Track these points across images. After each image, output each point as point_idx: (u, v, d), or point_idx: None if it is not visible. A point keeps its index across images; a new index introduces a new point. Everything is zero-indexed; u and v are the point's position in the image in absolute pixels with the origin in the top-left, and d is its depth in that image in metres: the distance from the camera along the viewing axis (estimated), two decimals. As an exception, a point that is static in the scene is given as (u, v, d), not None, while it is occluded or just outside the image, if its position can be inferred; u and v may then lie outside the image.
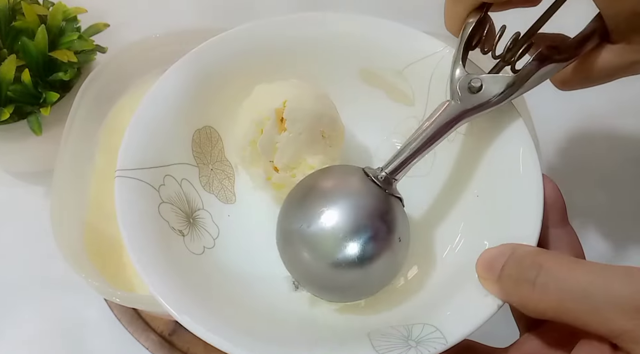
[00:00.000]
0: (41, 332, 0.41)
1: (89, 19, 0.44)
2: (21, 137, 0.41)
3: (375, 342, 0.22)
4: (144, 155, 0.27)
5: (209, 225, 0.30)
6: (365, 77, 0.32)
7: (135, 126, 0.28)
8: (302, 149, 0.29)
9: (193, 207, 0.29)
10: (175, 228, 0.27)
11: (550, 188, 0.25)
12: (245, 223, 0.31)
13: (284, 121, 0.28)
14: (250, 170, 0.30)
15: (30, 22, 0.40)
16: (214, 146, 0.31)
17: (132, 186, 0.26)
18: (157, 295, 0.23)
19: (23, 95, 0.39)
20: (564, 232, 0.25)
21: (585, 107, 0.49)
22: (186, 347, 0.40)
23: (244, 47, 0.31)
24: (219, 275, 0.27)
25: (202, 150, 0.31)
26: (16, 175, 0.47)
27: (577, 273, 0.19)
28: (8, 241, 0.44)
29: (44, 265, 0.43)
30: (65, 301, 0.42)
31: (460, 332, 0.22)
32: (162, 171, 0.28)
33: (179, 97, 0.29)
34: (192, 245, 0.27)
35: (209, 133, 0.31)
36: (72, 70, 0.40)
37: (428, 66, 0.30)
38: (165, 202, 0.27)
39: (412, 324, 0.23)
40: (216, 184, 0.31)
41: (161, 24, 0.49)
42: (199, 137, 0.31)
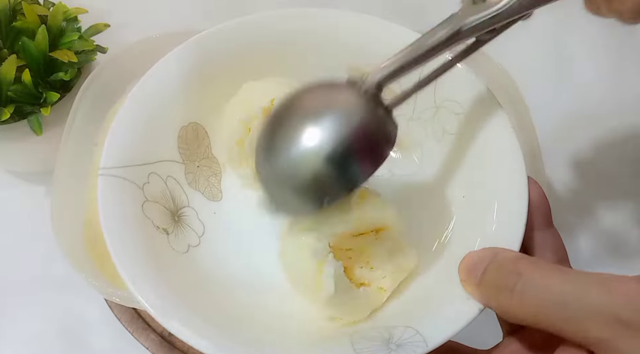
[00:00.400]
0: (41, 332, 0.41)
1: (90, 19, 0.44)
2: (21, 136, 0.40)
3: (357, 345, 0.22)
4: (129, 152, 0.27)
5: (195, 223, 0.29)
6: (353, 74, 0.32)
7: (120, 123, 0.28)
8: None
9: (178, 204, 0.29)
10: (160, 227, 0.27)
11: (535, 191, 0.25)
12: (232, 220, 0.31)
13: None
14: (239, 170, 0.30)
15: (31, 22, 0.40)
16: (200, 143, 0.31)
17: (115, 184, 0.26)
18: (137, 295, 0.23)
19: (23, 95, 0.39)
20: (548, 235, 0.25)
21: (585, 106, 0.49)
22: (186, 347, 0.40)
23: (231, 44, 0.31)
24: (202, 274, 0.27)
25: (189, 147, 0.30)
26: (16, 174, 0.47)
27: (555, 281, 0.20)
28: (8, 241, 0.44)
29: (44, 265, 0.43)
30: (65, 301, 0.42)
31: (441, 336, 0.22)
32: (147, 168, 0.28)
33: (164, 94, 0.29)
34: (176, 244, 0.27)
35: (196, 129, 0.31)
36: (73, 70, 0.40)
37: None
38: (150, 201, 0.27)
39: (394, 326, 0.23)
40: (202, 181, 0.31)
41: (161, 24, 0.49)
42: (185, 134, 0.30)
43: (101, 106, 0.41)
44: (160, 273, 0.25)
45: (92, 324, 0.41)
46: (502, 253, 0.22)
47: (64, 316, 0.42)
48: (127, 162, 0.27)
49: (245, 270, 0.29)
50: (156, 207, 0.27)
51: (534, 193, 0.25)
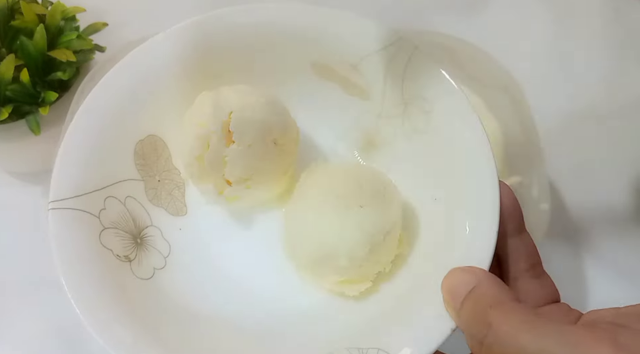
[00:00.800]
0: (40, 332, 0.41)
1: (88, 18, 0.44)
2: (20, 136, 0.40)
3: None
4: (81, 179, 0.25)
5: (159, 243, 0.28)
6: (318, 71, 0.30)
7: (68, 147, 0.26)
8: (254, 160, 0.27)
9: (140, 225, 0.27)
10: (120, 255, 0.25)
11: (507, 197, 0.25)
12: (199, 236, 0.29)
13: (231, 133, 0.27)
14: (200, 186, 0.28)
15: (29, 22, 0.40)
16: (159, 155, 0.29)
17: (68, 217, 0.24)
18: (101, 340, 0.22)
19: (21, 95, 0.39)
20: (520, 241, 0.25)
21: (586, 106, 0.49)
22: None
23: (184, 47, 0.29)
24: (169, 299, 0.26)
25: (147, 162, 0.28)
26: (15, 174, 0.47)
27: (524, 337, 0.19)
28: (8, 241, 0.44)
29: (44, 265, 0.43)
30: (64, 301, 0.42)
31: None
32: (103, 193, 0.26)
33: (115, 110, 0.27)
34: (139, 270, 0.26)
35: (153, 142, 0.29)
36: (71, 70, 0.40)
37: (384, 58, 0.28)
38: (108, 228, 0.26)
39: (367, 348, 0.23)
40: (165, 196, 0.29)
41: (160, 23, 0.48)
42: (141, 149, 0.28)
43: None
44: (126, 311, 0.23)
45: (91, 325, 0.41)
46: (480, 285, 0.22)
47: (64, 316, 0.41)
48: (79, 190, 0.25)
49: (215, 289, 0.28)
50: (115, 233, 0.26)
51: (505, 198, 0.25)
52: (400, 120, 0.29)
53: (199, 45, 0.28)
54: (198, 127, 0.27)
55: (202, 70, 0.29)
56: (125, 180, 0.27)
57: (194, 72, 0.29)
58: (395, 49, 0.28)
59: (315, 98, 0.31)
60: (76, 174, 0.25)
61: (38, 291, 0.42)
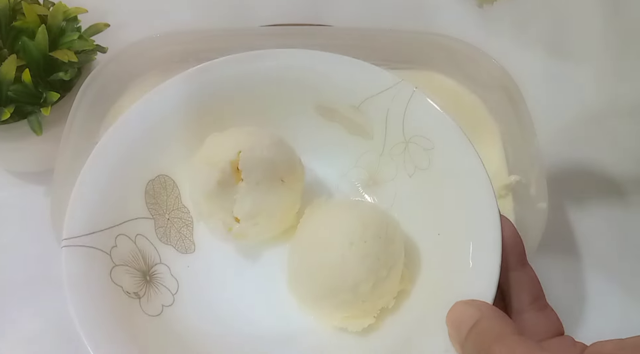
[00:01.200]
0: (41, 331, 0.41)
1: (90, 18, 0.44)
2: (21, 136, 0.40)
3: None
4: (93, 218, 0.26)
5: (168, 280, 0.28)
6: (322, 112, 0.32)
7: (81, 188, 0.26)
8: (262, 198, 0.28)
9: (149, 263, 0.28)
10: (130, 292, 0.26)
11: (508, 230, 0.25)
12: (206, 273, 0.30)
13: (239, 172, 0.28)
14: (209, 224, 0.29)
15: (31, 22, 0.40)
16: (169, 194, 0.30)
17: (81, 255, 0.25)
18: None
19: (23, 95, 0.39)
20: (523, 275, 0.25)
21: (586, 106, 0.49)
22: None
23: (191, 92, 0.30)
24: (177, 337, 0.26)
25: (157, 201, 0.29)
26: (16, 174, 0.47)
27: None
28: (8, 241, 0.44)
29: (44, 265, 0.43)
30: (64, 300, 0.42)
31: None
32: (114, 231, 0.27)
33: (128, 151, 0.28)
34: (148, 307, 0.26)
35: (163, 182, 0.30)
36: (73, 70, 0.40)
37: (384, 100, 0.29)
38: (118, 265, 0.26)
39: None
40: (174, 233, 0.30)
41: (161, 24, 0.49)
42: (152, 188, 0.29)
43: (101, 106, 0.41)
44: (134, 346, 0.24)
45: (92, 324, 0.41)
46: (483, 319, 0.23)
47: (64, 316, 0.41)
48: (92, 228, 0.26)
49: (222, 327, 0.28)
50: (126, 271, 0.26)
51: (507, 232, 0.25)
52: (402, 157, 0.30)
53: (206, 90, 0.30)
54: (208, 166, 0.27)
55: (210, 113, 0.30)
56: (136, 219, 0.28)
57: (202, 115, 0.30)
58: (396, 90, 0.29)
59: (319, 137, 0.32)
60: (89, 212, 0.26)
61: (38, 291, 0.42)
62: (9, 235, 0.45)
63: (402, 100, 0.28)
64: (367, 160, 0.32)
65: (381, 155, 0.31)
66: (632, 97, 0.50)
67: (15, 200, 0.46)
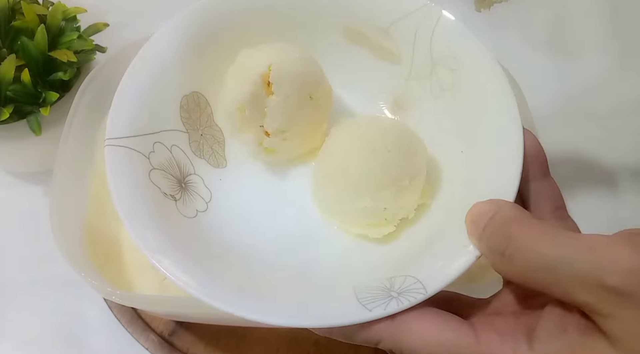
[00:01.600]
0: (41, 332, 0.41)
1: (89, 18, 0.44)
2: (21, 136, 0.40)
3: (360, 294, 0.23)
4: (133, 123, 0.27)
5: (201, 189, 0.30)
6: (349, 36, 0.32)
7: (123, 94, 0.28)
8: (291, 112, 0.29)
9: (184, 172, 0.29)
10: (167, 194, 0.27)
11: (530, 142, 0.25)
12: (238, 186, 0.31)
13: (270, 85, 0.28)
14: (241, 137, 0.30)
15: (30, 22, 0.40)
16: (202, 111, 0.32)
17: (122, 154, 0.26)
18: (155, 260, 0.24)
19: (23, 95, 0.39)
20: (545, 184, 0.25)
21: (586, 106, 0.49)
22: (186, 347, 0.40)
23: (224, 12, 0.31)
24: (211, 237, 0.28)
25: (191, 116, 0.31)
26: (16, 174, 0.47)
27: (543, 245, 0.20)
28: (8, 241, 0.44)
29: (44, 265, 0.43)
30: (65, 301, 0.42)
31: (440, 282, 0.22)
32: (152, 138, 0.28)
33: (165, 64, 0.30)
34: (184, 209, 0.28)
35: (197, 98, 0.31)
36: (72, 70, 0.40)
37: (413, 22, 0.30)
38: (156, 169, 0.28)
39: (393, 276, 0.24)
40: (206, 149, 0.31)
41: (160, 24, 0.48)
42: (187, 103, 0.31)
43: (101, 106, 0.41)
44: (174, 238, 0.25)
45: (91, 325, 0.41)
46: (501, 211, 0.22)
47: (64, 317, 0.41)
48: (131, 132, 0.27)
49: (252, 233, 0.30)
50: (163, 175, 0.28)
51: (529, 144, 0.25)
52: (428, 81, 0.30)
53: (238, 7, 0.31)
54: (240, 79, 0.29)
55: (242, 33, 0.31)
56: (172, 130, 0.30)
57: (235, 35, 0.31)
58: (424, 12, 0.30)
59: (346, 63, 0.33)
60: (129, 118, 0.28)
61: (38, 291, 0.42)
62: (8, 235, 0.45)
63: (431, 21, 0.28)
64: (394, 85, 0.32)
65: (407, 79, 0.32)
66: (632, 96, 0.50)
67: (15, 200, 0.46)
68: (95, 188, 0.39)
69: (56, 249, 0.33)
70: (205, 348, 0.40)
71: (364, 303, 0.22)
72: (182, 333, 0.40)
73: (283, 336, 0.40)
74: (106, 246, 0.38)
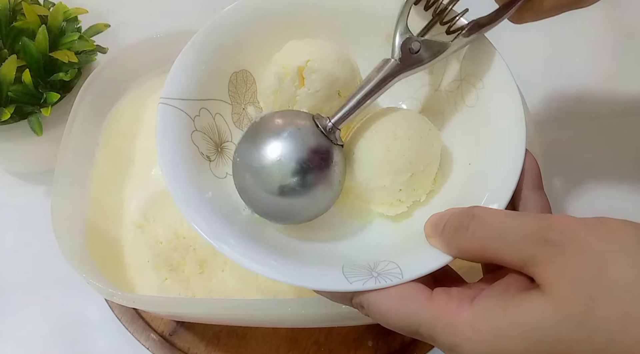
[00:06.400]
0: (41, 332, 0.41)
1: (90, 19, 0.44)
2: (22, 137, 0.41)
3: (346, 269, 0.26)
4: (185, 87, 0.31)
5: None
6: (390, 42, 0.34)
7: (182, 60, 0.31)
8: (318, 104, 0.32)
9: (222, 139, 0.33)
10: (204, 154, 0.31)
11: (527, 157, 0.28)
12: None
13: (303, 77, 0.31)
14: None
15: (31, 23, 0.40)
16: (248, 88, 0.35)
17: (171, 113, 0.30)
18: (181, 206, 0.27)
19: (24, 96, 0.39)
20: (535, 195, 0.27)
21: (586, 106, 0.49)
22: (186, 347, 0.40)
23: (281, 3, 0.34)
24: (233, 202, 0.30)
25: (237, 91, 0.34)
26: (17, 175, 0.47)
27: (498, 217, 0.23)
28: (8, 241, 0.44)
29: (44, 265, 0.43)
30: (65, 301, 0.42)
31: (416, 272, 0.25)
32: (199, 104, 0.32)
33: (222, 41, 0.33)
34: (216, 170, 0.31)
35: (245, 76, 0.34)
36: (73, 71, 0.41)
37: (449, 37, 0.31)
38: (198, 130, 0.31)
39: (381, 260, 0.27)
40: (246, 122, 0.34)
41: (161, 24, 0.49)
42: (235, 78, 0.34)
43: (102, 106, 0.41)
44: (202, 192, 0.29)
45: (92, 325, 0.41)
46: (459, 209, 0.25)
47: (64, 317, 0.42)
48: (184, 95, 0.31)
49: None
50: (203, 137, 0.31)
51: (526, 159, 0.28)
52: (454, 94, 0.33)
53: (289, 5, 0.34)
54: (279, 67, 0.32)
55: (293, 26, 0.34)
56: (218, 100, 0.33)
57: (287, 25, 0.34)
58: None
59: None
60: (184, 82, 0.31)
61: (39, 291, 0.42)
62: (9, 235, 0.45)
63: (465, 40, 0.30)
64: (423, 93, 0.35)
65: (437, 90, 0.34)
66: (632, 96, 0.50)
67: (15, 200, 0.46)
68: (96, 188, 0.39)
69: (57, 249, 0.33)
70: (206, 347, 0.40)
71: (347, 277, 0.26)
72: (183, 333, 0.40)
73: (283, 336, 0.40)
74: (107, 247, 0.38)
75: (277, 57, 0.32)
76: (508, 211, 0.25)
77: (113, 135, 0.41)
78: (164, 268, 0.38)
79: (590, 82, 0.51)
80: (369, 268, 0.26)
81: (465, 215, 0.24)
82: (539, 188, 0.27)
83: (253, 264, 0.26)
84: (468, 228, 0.24)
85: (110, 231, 0.39)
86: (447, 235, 0.25)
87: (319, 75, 0.31)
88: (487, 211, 0.24)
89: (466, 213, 0.24)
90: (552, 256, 0.21)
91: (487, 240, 0.23)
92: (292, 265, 0.27)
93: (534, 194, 0.27)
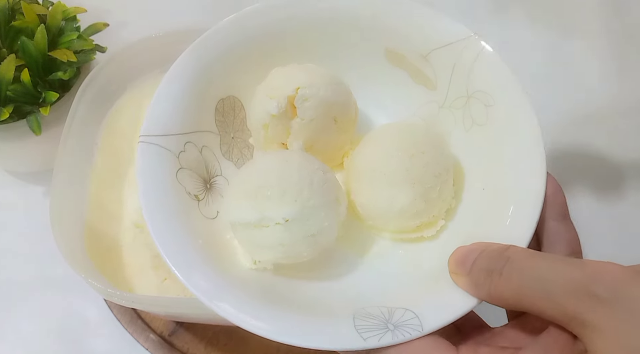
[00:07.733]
0: (41, 332, 0.41)
1: (89, 18, 0.44)
2: (21, 136, 0.40)
3: (358, 321, 0.24)
4: (168, 122, 0.29)
5: (225, 191, 0.30)
6: (390, 58, 0.32)
7: (162, 93, 0.29)
8: (314, 134, 0.30)
9: (211, 173, 0.30)
10: (191, 193, 0.28)
11: (550, 183, 0.25)
12: None
13: (295, 107, 0.29)
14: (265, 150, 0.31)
15: (30, 22, 0.40)
16: (236, 115, 0.32)
17: (153, 152, 0.28)
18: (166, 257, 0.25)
19: (22, 95, 0.39)
20: (562, 226, 0.25)
21: (586, 107, 0.49)
22: (186, 348, 0.40)
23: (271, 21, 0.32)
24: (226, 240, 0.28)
25: (225, 119, 0.32)
26: (16, 175, 0.47)
27: (537, 262, 0.21)
28: (8, 241, 0.44)
29: (44, 265, 0.43)
30: (65, 301, 0.42)
31: (438, 322, 0.23)
32: (184, 138, 0.29)
33: (205, 67, 0.30)
34: (206, 210, 0.29)
35: (233, 102, 0.32)
36: (72, 70, 0.40)
37: (452, 53, 0.30)
38: (184, 168, 0.29)
39: (396, 307, 0.24)
40: (236, 152, 0.32)
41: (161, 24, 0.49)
42: (222, 106, 0.32)
43: (100, 106, 0.41)
44: (190, 237, 0.26)
45: (91, 325, 0.41)
46: (491, 245, 0.23)
47: (64, 317, 0.41)
48: (165, 131, 0.28)
49: None
50: (190, 174, 0.29)
51: (548, 186, 0.25)
52: (461, 112, 0.30)
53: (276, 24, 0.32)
54: (267, 99, 0.29)
55: (275, 50, 0.32)
56: (205, 131, 0.30)
57: (269, 50, 0.32)
58: (466, 44, 0.30)
59: (385, 82, 0.33)
60: (164, 117, 0.29)
61: (38, 291, 0.42)
62: (8, 235, 0.45)
63: (471, 55, 0.29)
64: (427, 111, 0.32)
65: (441, 107, 0.32)
66: (633, 97, 0.50)
67: (15, 200, 0.46)
68: (95, 188, 0.39)
69: (56, 249, 0.33)
70: (205, 348, 0.40)
71: (360, 332, 0.23)
72: (182, 333, 0.40)
73: (283, 336, 0.40)
74: (106, 247, 0.38)
75: (263, 88, 0.30)
76: (547, 254, 0.22)
77: (112, 135, 0.41)
78: (163, 268, 0.38)
79: (591, 83, 0.51)
80: (383, 318, 0.24)
81: (499, 257, 0.22)
82: (565, 218, 0.25)
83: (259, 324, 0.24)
84: (502, 273, 0.21)
85: (109, 231, 0.39)
86: (476, 276, 0.23)
87: (312, 103, 0.29)
88: (524, 255, 0.21)
89: (499, 255, 0.22)
90: (602, 318, 0.19)
91: (525, 289, 0.20)
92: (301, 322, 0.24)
93: (560, 225, 0.25)
